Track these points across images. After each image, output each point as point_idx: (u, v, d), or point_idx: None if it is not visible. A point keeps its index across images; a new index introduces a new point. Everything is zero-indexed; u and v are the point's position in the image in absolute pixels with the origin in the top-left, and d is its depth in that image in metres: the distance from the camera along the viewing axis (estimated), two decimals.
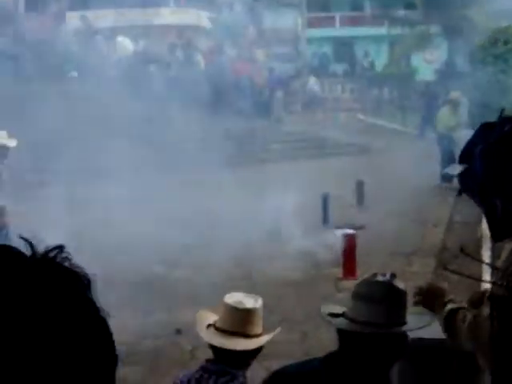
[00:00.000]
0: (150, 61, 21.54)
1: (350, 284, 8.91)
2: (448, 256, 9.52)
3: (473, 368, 2.47)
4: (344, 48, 37.92)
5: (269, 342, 3.13)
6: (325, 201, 12.43)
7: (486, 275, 4.26)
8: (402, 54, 31.63)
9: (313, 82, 31.01)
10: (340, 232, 9.88)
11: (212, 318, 3.19)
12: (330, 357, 2.35)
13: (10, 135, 8.87)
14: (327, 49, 37.81)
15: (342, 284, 8.96)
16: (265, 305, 3.27)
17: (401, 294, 2.36)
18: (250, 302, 3.11)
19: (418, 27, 29.89)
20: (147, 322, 7.78)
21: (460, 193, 2.77)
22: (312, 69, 35.07)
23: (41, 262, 0.86)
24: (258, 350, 3.12)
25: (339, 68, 36.30)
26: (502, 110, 2.64)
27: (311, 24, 37.20)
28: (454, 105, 16.54)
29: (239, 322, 3.03)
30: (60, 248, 0.89)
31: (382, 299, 2.31)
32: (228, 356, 3.01)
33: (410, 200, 13.70)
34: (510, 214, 2.21)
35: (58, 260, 0.88)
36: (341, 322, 2.35)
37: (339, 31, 38.60)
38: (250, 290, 8.39)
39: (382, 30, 30.58)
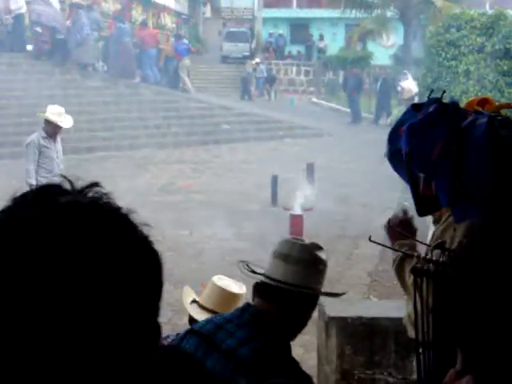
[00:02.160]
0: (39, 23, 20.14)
1: None
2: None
3: None
4: (300, 30, 37.79)
5: None
6: (274, 182, 12.44)
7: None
8: (358, 38, 31.62)
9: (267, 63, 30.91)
10: (288, 213, 9.86)
11: (193, 295, 3.53)
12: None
13: None
14: (283, 30, 37.66)
15: None
16: None
17: (317, 260, 2.36)
18: (236, 287, 3.45)
19: (375, 11, 29.89)
20: None
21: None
22: (267, 49, 34.94)
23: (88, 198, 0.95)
24: None
25: (295, 50, 36.20)
26: (443, 93, 2.65)
27: (268, 4, 37.03)
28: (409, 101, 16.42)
29: (224, 303, 3.33)
30: (96, 184, 0.96)
31: (299, 261, 2.34)
32: None
33: (360, 184, 13.76)
34: (431, 190, 2.32)
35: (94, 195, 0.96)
36: (259, 277, 2.40)
37: (296, 12, 38.46)
38: (200, 270, 8.33)
39: (339, 13, 30.46)
